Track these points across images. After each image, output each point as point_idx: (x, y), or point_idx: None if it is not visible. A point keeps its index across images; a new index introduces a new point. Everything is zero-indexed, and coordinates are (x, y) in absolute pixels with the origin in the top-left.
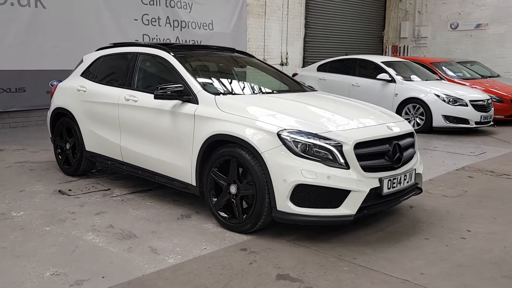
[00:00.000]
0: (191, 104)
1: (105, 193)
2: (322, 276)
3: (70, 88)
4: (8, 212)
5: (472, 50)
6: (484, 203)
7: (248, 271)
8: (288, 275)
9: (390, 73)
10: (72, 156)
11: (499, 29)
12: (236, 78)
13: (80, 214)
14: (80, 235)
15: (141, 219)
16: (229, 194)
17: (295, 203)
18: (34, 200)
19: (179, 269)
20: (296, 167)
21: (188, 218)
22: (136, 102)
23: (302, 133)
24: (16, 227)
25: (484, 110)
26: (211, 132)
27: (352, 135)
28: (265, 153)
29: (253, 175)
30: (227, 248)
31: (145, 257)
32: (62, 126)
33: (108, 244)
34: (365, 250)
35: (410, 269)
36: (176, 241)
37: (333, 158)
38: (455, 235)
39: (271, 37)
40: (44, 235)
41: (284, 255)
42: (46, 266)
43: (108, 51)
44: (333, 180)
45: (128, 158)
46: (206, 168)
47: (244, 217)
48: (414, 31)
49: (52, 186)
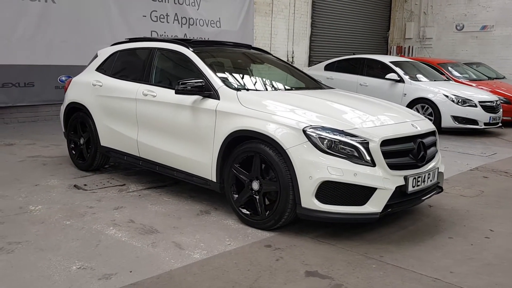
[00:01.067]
0: (212, 99)
1: (121, 189)
2: (351, 273)
3: (85, 82)
4: (25, 206)
5: (478, 51)
6: (502, 203)
7: (276, 268)
8: (317, 272)
9: (399, 73)
10: (87, 151)
11: (504, 31)
12: (254, 74)
13: (99, 209)
14: (101, 229)
15: (161, 214)
16: (251, 190)
17: (320, 200)
18: (51, 194)
19: (206, 264)
20: (322, 164)
21: (208, 214)
22: (154, 97)
23: (328, 129)
24: (36, 221)
25: (493, 111)
26: (233, 128)
27: (378, 132)
28: (290, 149)
29: (277, 172)
30: (251, 245)
31: (170, 252)
32: (76, 121)
33: (131, 238)
34: (390, 248)
35: (438, 267)
36: (199, 237)
37: (359, 155)
38: (478, 235)
39: (278, 35)
40: (66, 229)
41: (309, 252)
42: (72, 259)
43: (124, 45)
44: (359, 177)
45: (145, 154)
46: (228, 164)
47: (267, 214)
48: (419, 32)
49: (67, 180)
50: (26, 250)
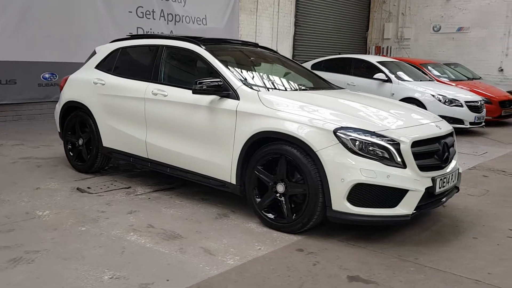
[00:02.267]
0: (230, 99)
1: (128, 191)
2: (393, 277)
3: (84, 80)
4: (32, 211)
5: (454, 52)
6: (510, 202)
7: (316, 273)
8: (358, 277)
9: (386, 73)
10: (87, 152)
11: (480, 33)
12: (267, 74)
13: (111, 213)
14: (121, 235)
15: (178, 218)
16: (275, 193)
17: (352, 202)
18: (55, 198)
19: (244, 271)
20: (354, 166)
21: (227, 217)
22: (165, 97)
23: (359, 130)
24: (48, 227)
25: (477, 111)
26: (256, 129)
27: (408, 133)
28: (321, 151)
29: (306, 174)
30: (282, 249)
31: (201, 258)
32: (75, 121)
33: (156, 244)
34: (421, 249)
35: (474, 268)
36: (226, 242)
37: (390, 157)
38: (500, 234)
39: (263, 34)
40: (83, 235)
41: (344, 256)
42: (100, 269)
43: (126, 43)
44: (392, 180)
45: (154, 155)
46: (249, 166)
47: (293, 217)
48: (397, 32)
49: (68, 183)
50: (48, 260)
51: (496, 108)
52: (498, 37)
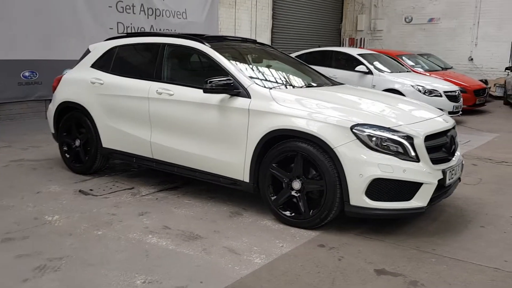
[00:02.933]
0: (241, 98)
1: (133, 192)
2: (418, 269)
3: (80, 80)
4: (40, 216)
5: (425, 43)
6: (505, 190)
7: (344, 268)
8: (385, 270)
9: (367, 65)
10: (84, 154)
11: (450, 24)
12: (273, 71)
13: (123, 216)
14: (140, 238)
15: (192, 218)
16: (291, 190)
17: (369, 197)
18: (61, 202)
19: (273, 269)
20: (372, 161)
21: (240, 215)
22: (171, 96)
23: (374, 127)
24: (62, 232)
25: (455, 100)
26: (271, 127)
27: (421, 128)
28: (338, 148)
29: (323, 170)
30: (304, 246)
31: (228, 258)
32: (71, 122)
33: (178, 246)
34: (436, 240)
35: (491, 257)
36: (246, 240)
37: (404, 152)
38: (505, 222)
39: (242, 27)
40: (102, 240)
41: (365, 249)
42: (130, 273)
43: (123, 41)
44: (408, 174)
45: (160, 155)
46: (264, 164)
47: (311, 213)
48: (370, 24)
49: (69, 186)
50: (74, 266)
51: (471, 97)
52: (467, 27)
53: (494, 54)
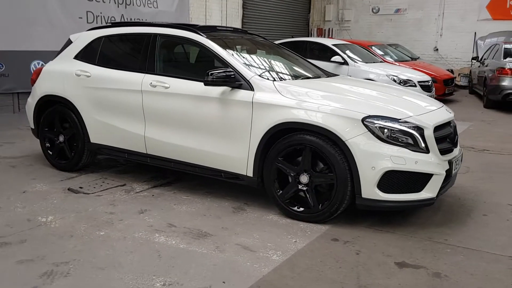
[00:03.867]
0: (244, 90)
1: (126, 189)
2: (436, 260)
3: (63, 72)
4: (33, 217)
5: (392, 33)
6: (494, 177)
7: (364, 262)
8: (405, 263)
9: (343, 56)
10: (70, 150)
11: (416, 14)
12: (270, 62)
13: (122, 214)
14: (147, 237)
15: (195, 215)
16: (298, 184)
17: (381, 189)
18: (51, 201)
19: (294, 266)
20: (384, 153)
21: (243, 210)
22: (167, 89)
23: (385, 118)
24: (62, 234)
25: (428, 90)
26: (278, 120)
27: (429, 119)
28: (350, 140)
29: (333, 163)
30: (318, 240)
31: (244, 256)
32: (54, 116)
33: (189, 245)
34: (445, 230)
35: (502, 245)
36: (257, 236)
37: (414, 143)
38: (504, 210)
39: (212, 17)
40: (106, 241)
41: (379, 242)
42: (147, 276)
43: (109, 31)
44: (420, 165)
45: (155, 150)
46: (269, 158)
47: (320, 207)
48: (338, 14)
49: (56, 184)
50: (84, 271)
51: (441, 87)
52: (433, 18)
53: (458, 45)
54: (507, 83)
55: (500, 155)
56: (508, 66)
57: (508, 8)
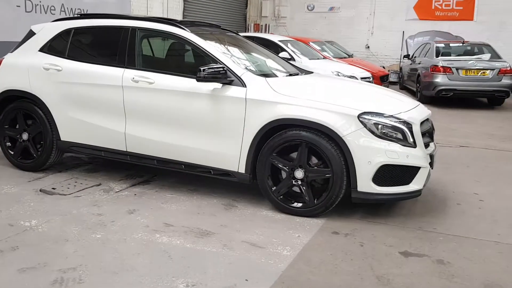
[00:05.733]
0: (235, 87)
1: (104, 189)
2: (434, 248)
3: (28, 66)
4: (15, 222)
5: (326, 30)
6: (453, 168)
7: (372, 254)
8: (409, 252)
9: (289, 52)
10: (36, 148)
11: (349, 13)
12: (253, 58)
13: (111, 215)
14: (148, 238)
15: (189, 213)
16: (293, 179)
17: (376, 183)
18: (27, 204)
19: (308, 260)
20: (380, 148)
21: (235, 207)
22: (151, 85)
23: (379, 115)
24: (56, 239)
25: None
26: (273, 116)
27: (415, 115)
28: (347, 136)
29: (330, 158)
30: (320, 234)
31: (255, 252)
32: (16, 113)
33: (196, 244)
34: (429, 219)
35: (485, 231)
36: (260, 233)
37: (403, 138)
38: (473, 199)
39: (154, 8)
40: (106, 244)
41: (377, 233)
42: (166, 278)
43: (79, 22)
44: (411, 159)
45: (136, 148)
46: (263, 154)
47: (316, 202)
48: (275, 10)
49: (24, 185)
50: (97, 276)
51: (377, 83)
52: (364, 17)
53: (388, 43)
54: (440, 80)
55: (449, 148)
56: (441, 64)
57: (433, 9)
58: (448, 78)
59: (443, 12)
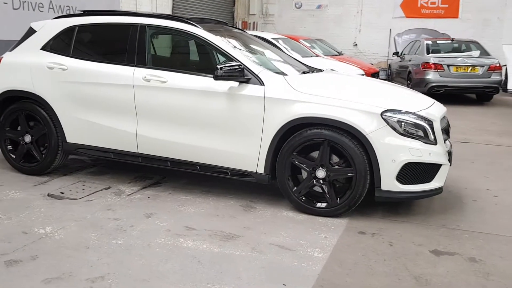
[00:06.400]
0: (253, 85)
1: (114, 192)
2: (463, 245)
3: (30, 65)
4: (29, 229)
5: (315, 28)
6: (459, 164)
7: (404, 254)
8: (439, 251)
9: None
10: (40, 151)
11: (336, 11)
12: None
13: (129, 220)
14: (173, 243)
15: (208, 215)
16: (314, 179)
17: (399, 181)
18: (37, 209)
19: (341, 262)
20: (403, 146)
21: (253, 208)
22: (164, 84)
23: (402, 112)
24: (75, 246)
25: None
26: (294, 115)
27: (434, 112)
28: (371, 134)
29: (353, 157)
30: (346, 234)
31: (286, 255)
32: (18, 115)
33: (223, 247)
34: (450, 216)
35: (507, 227)
36: (286, 234)
37: (425, 135)
38: (486, 195)
39: (143, 4)
40: (130, 250)
41: (404, 233)
42: (200, 285)
43: (84, 20)
44: (433, 156)
45: (149, 149)
46: (283, 154)
47: (338, 201)
48: (262, 8)
49: (31, 190)
50: (128, 286)
51: None
52: (352, 14)
53: (376, 40)
54: (432, 77)
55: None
56: (433, 61)
57: (419, 7)
58: (440, 75)
59: (429, 10)
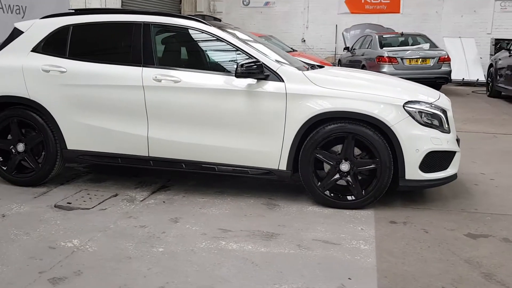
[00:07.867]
0: (272, 82)
1: (126, 199)
2: (491, 227)
3: (23, 68)
4: (54, 244)
5: (263, 25)
6: None
7: (443, 240)
8: (472, 234)
9: None
10: (35, 160)
11: (284, 8)
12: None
13: (157, 227)
14: (216, 246)
15: (235, 216)
16: (339, 172)
17: (422, 170)
18: (52, 222)
19: (390, 252)
20: (426, 136)
21: (277, 205)
22: (178, 83)
23: (421, 103)
24: (115, 258)
25: None
26: (317, 110)
27: (446, 102)
28: (396, 125)
29: (378, 149)
30: (379, 225)
31: (335, 250)
32: (11, 122)
33: (268, 247)
34: (463, 201)
35: None
36: (323, 229)
37: (440, 124)
38: (484, 178)
39: (92, 3)
40: (176, 257)
41: (432, 219)
42: (267, 285)
43: (79, 19)
44: (450, 144)
45: (161, 152)
46: (306, 149)
47: (363, 193)
48: (209, 5)
49: (34, 202)
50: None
51: None
52: (299, 11)
53: (322, 36)
54: (387, 70)
55: None
56: (387, 54)
57: (363, 3)
58: (394, 68)
59: (372, 6)
